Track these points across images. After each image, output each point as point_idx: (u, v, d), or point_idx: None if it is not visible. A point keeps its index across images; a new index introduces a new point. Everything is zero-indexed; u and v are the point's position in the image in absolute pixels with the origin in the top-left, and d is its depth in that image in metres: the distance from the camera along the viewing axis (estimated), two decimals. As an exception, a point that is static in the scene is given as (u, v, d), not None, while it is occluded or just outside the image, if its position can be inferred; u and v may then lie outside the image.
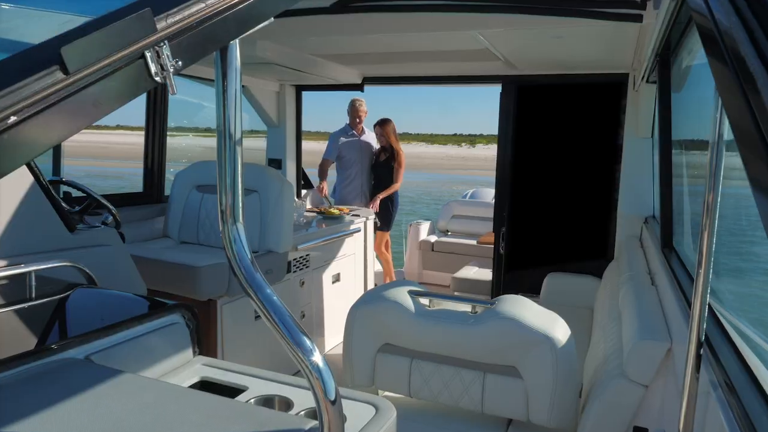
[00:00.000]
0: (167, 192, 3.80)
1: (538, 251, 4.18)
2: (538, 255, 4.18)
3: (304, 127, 5.19)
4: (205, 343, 3.11)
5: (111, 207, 2.52)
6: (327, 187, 5.58)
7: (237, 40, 0.86)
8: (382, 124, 5.47)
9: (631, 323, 1.99)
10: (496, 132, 4.24)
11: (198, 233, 3.47)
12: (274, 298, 0.94)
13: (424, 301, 2.16)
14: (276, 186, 3.28)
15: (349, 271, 4.56)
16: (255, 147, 5.07)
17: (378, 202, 5.43)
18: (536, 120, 4.12)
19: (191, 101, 4.96)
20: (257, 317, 3.40)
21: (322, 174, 5.56)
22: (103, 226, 2.43)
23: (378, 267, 6.10)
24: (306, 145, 5.56)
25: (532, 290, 4.10)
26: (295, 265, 3.76)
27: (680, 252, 2.47)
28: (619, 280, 2.84)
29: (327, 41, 3.31)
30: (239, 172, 0.92)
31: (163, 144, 3.72)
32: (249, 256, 0.94)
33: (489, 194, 7.28)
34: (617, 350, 2.11)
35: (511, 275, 4.23)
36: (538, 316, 2.01)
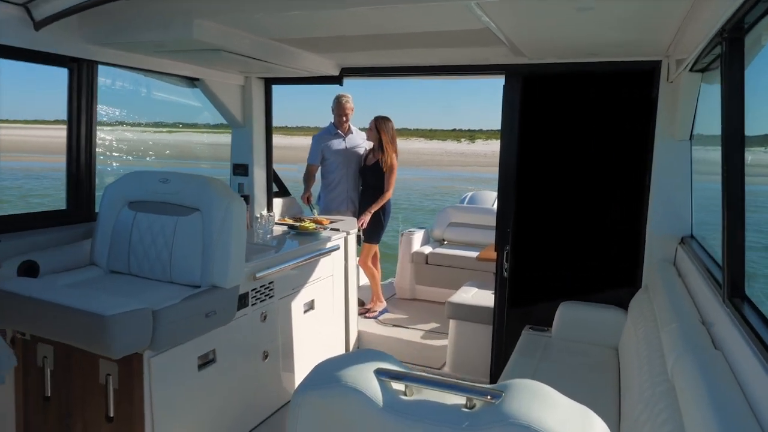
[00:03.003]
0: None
1: (549, 275, 3.50)
2: (549, 280, 3.51)
3: (297, 122, 4.52)
4: (128, 409, 2.46)
5: None
6: (312, 195, 4.93)
7: None
8: (380, 121, 4.78)
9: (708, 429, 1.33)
10: (495, 127, 3.55)
11: (129, 261, 2.79)
12: None
13: (398, 385, 1.48)
14: (221, 203, 2.60)
15: (326, 297, 3.89)
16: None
17: (368, 217, 4.75)
18: (546, 118, 3.44)
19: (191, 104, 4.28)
20: (202, 366, 2.73)
21: (308, 181, 4.91)
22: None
23: (364, 280, 5.45)
24: (300, 141, 4.91)
25: (541, 322, 3.44)
26: (254, 297, 3.09)
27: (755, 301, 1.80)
28: (663, 330, 2.17)
29: (289, 21, 2.63)
30: None
31: (92, 147, 3.04)
32: None
33: (489, 198, 6.59)
34: None
35: (517, 303, 3.56)
36: (566, 421, 1.34)
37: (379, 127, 4.75)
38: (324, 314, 3.86)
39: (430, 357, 4.22)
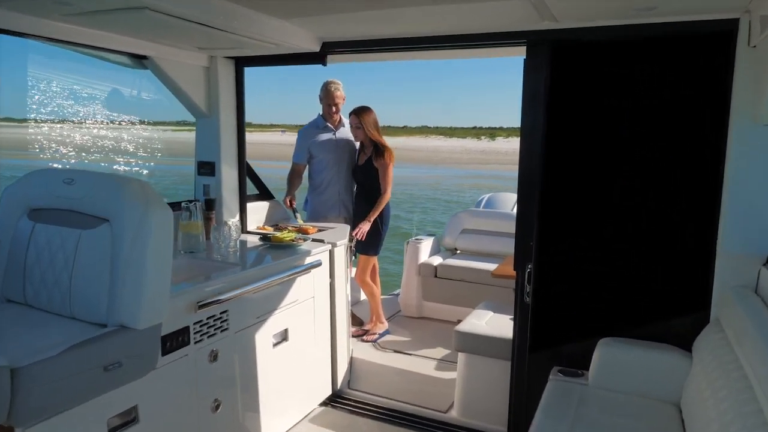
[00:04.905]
0: None
1: (584, 302, 2.73)
2: (584, 308, 2.73)
3: (294, 119, 3.83)
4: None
5: None
6: (296, 198, 4.21)
7: None
8: (360, 113, 4.05)
9: None
10: (516, 124, 2.79)
11: (24, 288, 2.11)
12: None
13: None
14: (134, 211, 1.90)
15: (305, 324, 3.18)
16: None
17: (368, 227, 4.04)
18: (580, 101, 2.67)
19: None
20: (117, 430, 2.04)
21: (291, 183, 4.20)
22: None
23: (364, 296, 4.74)
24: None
25: (574, 362, 2.67)
26: (198, 332, 2.39)
27: None
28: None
29: None
30: None
31: None
32: None
33: (508, 201, 5.78)
34: None
35: (542, 337, 2.80)
36: None
37: (363, 121, 4.02)
38: (302, 346, 3.15)
39: (435, 395, 3.47)
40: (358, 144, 4.26)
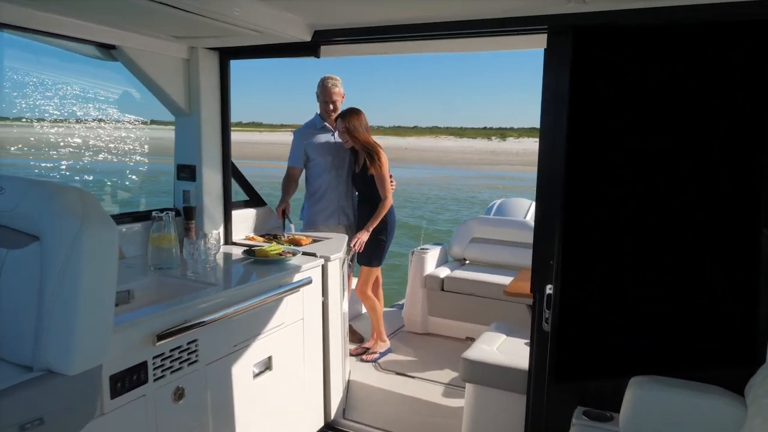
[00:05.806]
0: None
1: (614, 333, 2.35)
2: (614, 340, 2.35)
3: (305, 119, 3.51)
4: None
5: None
6: (290, 207, 3.84)
7: None
8: (346, 117, 3.68)
9: None
10: (527, 125, 2.42)
11: None
12: None
13: None
14: (68, 228, 1.54)
15: (293, 350, 2.82)
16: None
17: (366, 237, 3.68)
18: (609, 97, 2.28)
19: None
20: None
21: (286, 190, 3.83)
22: None
23: (363, 309, 4.39)
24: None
25: (602, 403, 2.29)
26: (159, 367, 2.04)
27: None
28: None
29: None
30: None
31: None
32: None
33: (521, 207, 5.37)
34: None
35: (564, 371, 2.41)
36: None
37: (350, 125, 3.65)
38: (289, 374, 2.79)
39: (441, 426, 3.10)
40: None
